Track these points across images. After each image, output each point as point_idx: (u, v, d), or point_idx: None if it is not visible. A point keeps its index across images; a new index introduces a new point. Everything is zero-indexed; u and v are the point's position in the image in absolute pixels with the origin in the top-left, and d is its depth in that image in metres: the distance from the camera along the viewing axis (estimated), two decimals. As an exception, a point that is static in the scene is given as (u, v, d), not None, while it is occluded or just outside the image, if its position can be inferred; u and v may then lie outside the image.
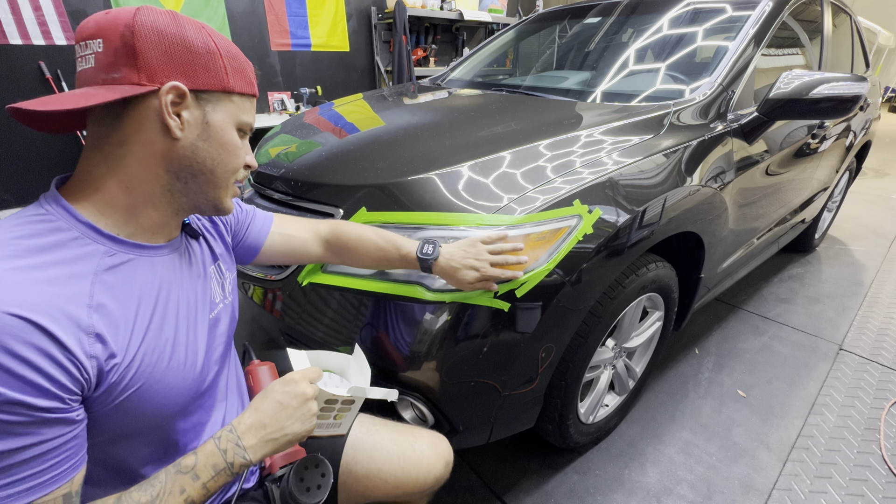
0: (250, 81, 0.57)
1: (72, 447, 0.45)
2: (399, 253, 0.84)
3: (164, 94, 0.48)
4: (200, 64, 0.50)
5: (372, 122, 1.45)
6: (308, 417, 0.58)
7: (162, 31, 0.48)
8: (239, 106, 0.55)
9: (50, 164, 3.03)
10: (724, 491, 1.26)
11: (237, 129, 0.56)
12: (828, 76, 1.30)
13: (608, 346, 1.24)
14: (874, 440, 1.43)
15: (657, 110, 1.27)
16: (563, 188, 0.97)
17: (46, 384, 0.41)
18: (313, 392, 0.59)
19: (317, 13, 3.93)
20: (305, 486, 0.64)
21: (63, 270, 0.45)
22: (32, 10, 2.73)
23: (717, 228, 1.36)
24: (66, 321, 0.43)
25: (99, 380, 0.46)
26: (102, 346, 0.46)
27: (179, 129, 0.50)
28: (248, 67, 0.57)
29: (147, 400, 0.51)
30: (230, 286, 0.72)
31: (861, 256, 2.78)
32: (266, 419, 0.56)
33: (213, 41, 0.52)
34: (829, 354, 1.84)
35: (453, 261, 0.82)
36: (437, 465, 0.81)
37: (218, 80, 0.52)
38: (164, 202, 0.54)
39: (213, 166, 0.55)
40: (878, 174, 4.83)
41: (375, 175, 1.05)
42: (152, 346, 0.52)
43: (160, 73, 0.48)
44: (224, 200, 0.59)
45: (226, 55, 0.53)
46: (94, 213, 0.50)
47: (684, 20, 1.64)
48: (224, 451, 0.53)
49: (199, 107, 0.52)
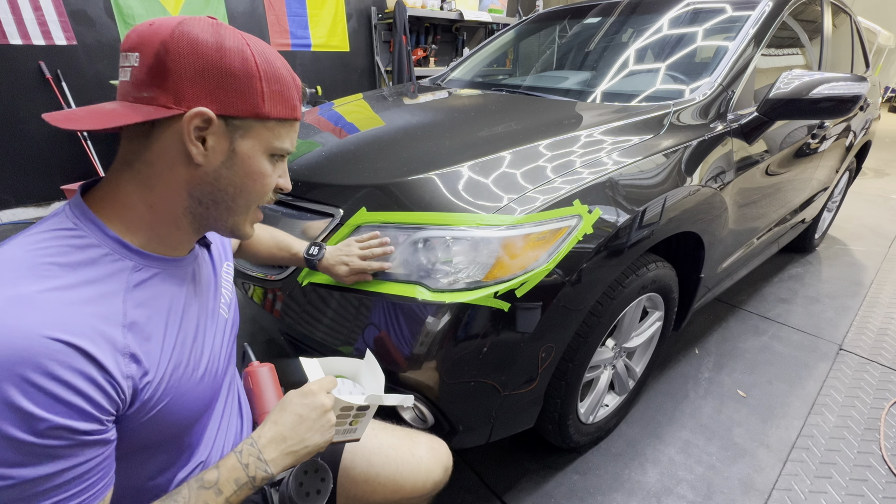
0: (292, 105, 0.53)
1: (105, 465, 0.45)
2: (290, 252, 0.96)
3: (188, 120, 0.46)
4: (234, 88, 0.47)
5: (372, 122, 1.45)
6: (327, 428, 0.59)
7: (199, 51, 0.46)
8: (274, 132, 0.52)
9: (50, 164, 3.03)
10: (724, 491, 1.26)
11: (269, 155, 0.53)
12: (828, 76, 1.30)
13: (608, 346, 1.24)
14: (874, 440, 1.43)
15: (657, 110, 1.27)
16: (563, 188, 0.97)
17: (89, 408, 0.41)
18: (331, 403, 0.60)
19: (317, 13, 3.93)
20: (305, 491, 0.64)
21: (96, 290, 0.45)
22: (32, 10, 2.73)
23: (717, 228, 1.36)
24: (103, 343, 0.43)
25: (133, 398, 0.46)
26: (137, 366, 0.46)
27: (203, 156, 0.48)
28: (291, 89, 0.52)
29: (173, 412, 0.52)
30: (233, 287, 0.73)
31: (861, 256, 2.78)
32: (286, 432, 0.56)
33: (253, 61, 0.48)
34: (829, 354, 1.84)
35: (331, 258, 0.93)
36: (436, 471, 0.81)
37: (251, 106, 0.49)
38: (185, 223, 0.53)
39: (235, 194, 0.53)
40: (878, 174, 4.83)
41: (375, 175, 1.05)
42: (179, 359, 0.52)
43: (189, 96, 0.46)
44: (242, 227, 0.57)
45: (266, 77, 0.49)
46: (122, 229, 0.49)
47: (684, 20, 1.64)
48: (246, 466, 0.53)
49: (227, 133, 0.49)
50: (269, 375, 0.81)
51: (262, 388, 0.79)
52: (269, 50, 0.51)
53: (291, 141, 0.55)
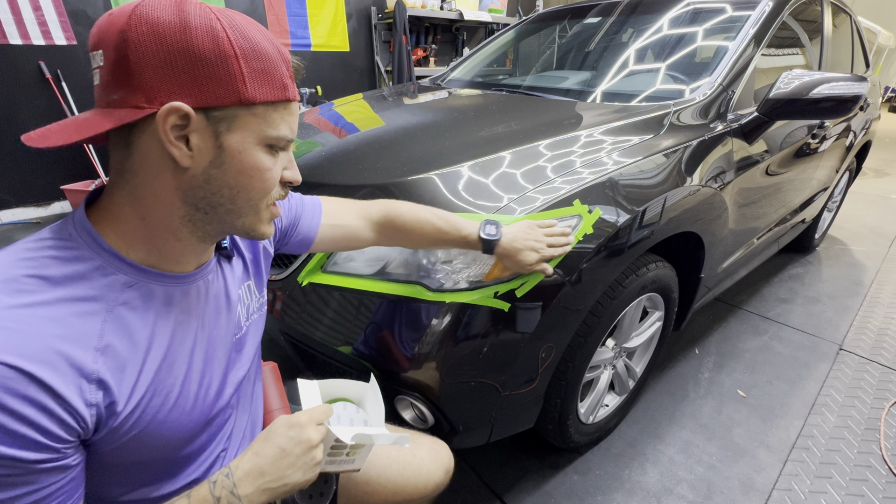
0: (281, 84, 0.45)
1: (68, 489, 0.42)
2: (460, 234, 0.81)
3: (161, 119, 0.40)
4: (207, 74, 0.41)
5: (372, 122, 1.44)
6: (310, 467, 0.53)
7: (161, 36, 0.39)
8: (265, 119, 0.45)
9: (50, 165, 3.03)
10: (724, 491, 1.26)
11: (266, 146, 0.47)
12: (828, 76, 1.30)
13: (608, 346, 1.24)
14: (874, 440, 1.43)
15: (657, 110, 1.27)
16: (563, 188, 0.97)
17: (40, 437, 0.38)
18: (319, 437, 0.54)
19: (317, 13, 3.93)
20: (308, 494, 0.64)
21: (75, 308, 0.41)
22: (32, 10, 2.73)
23: (718, 228, 1.36)
24: (66, 368, 0.39)
25: (98, 426, 0.43)
26: (104, 393, 0.42)
27: (188, 158, 0.43)
28: (278, 65, 0.45)
29: (151, 439, 0.48)
30: (258, 303, 0.67)
31: (861, 256, 2.78)
32: (266, 465, 0.51)
33: (226, 37, 0.41)
34: (830, 354, 1.84)
35: (516, 241, 0.82)
36: (437, 472, 0.80)
37: (231, 92, 0.42)
38: (185, 232, 0.48)
39: (233, 196, 0.47)
40: (878, 174, 4.83)
41: (375, 175, 1.05)
42: (160, 385, 0.48)
43: (160, 91, 0.40)
44: (256, 227, 0.51)
45: (244, 55, 0.42)
46: (119, 242, 0.46)
47: (684, 20, 1.64)
48: (217, 499, 0.48)
49: (210, 127, 0.43)
50: (271, 374, 0.81)
51: (266, 386, 0.79)
52: (245, 22, 0.44)
53: (290, 126, 0.48)
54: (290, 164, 0.52)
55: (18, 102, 2.84)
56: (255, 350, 0.67)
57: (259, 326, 0.67)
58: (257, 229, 0.51)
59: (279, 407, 0.77)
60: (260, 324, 0.68)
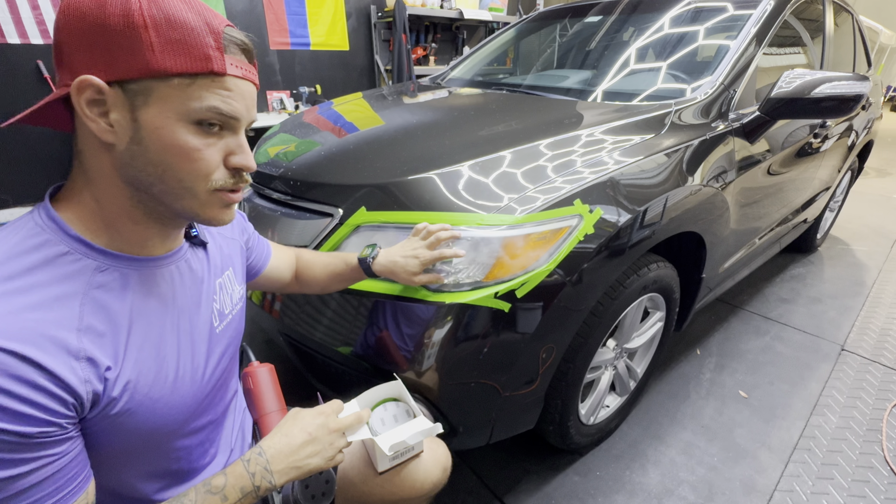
0: (202, 55, 0.43)
1: (80, 461, 0.45)
2: (345, 263, 0.86)
3: (75, 92, 0.40)
4: (117, 45, 0.40)
5: (371, 121, 1.44)
6: (332, 455, 0.59)
7: (82, 13, 0.40)
8: (184, 91, 0.43)
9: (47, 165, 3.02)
10: (726, 492, 1.25)
11: (193, 123, 0.44)
12: (830, 75, 1.29)
13: (609, 346, 1.24)
14: (876, 441, 1.42)
15: (658, 109, 1.26)
16: (563, 188, 0.97)
17: (36, 412, 0.39)
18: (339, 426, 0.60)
19: (316, 12, 3.92)
20: (311, 494, 0.64)
21: (50, 292, 0.42)
22: (31, 9, 2.72)
23: (719, 228, 1.35)
24: (53, 348, 0.40)
25: (94, 402, 0.44)
26: (95, 369, 0.43)
27: (110, 134, 0.43)
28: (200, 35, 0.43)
29: (145, 419, 0.49)
30: (239, 296, 0.70)
31: (863, 256, 2.77)
32: (295, 446, 0.56)
33: (138, 8, 0.40)
34: (831, 355, 1.83)
35: (393, 255, 0.85)
36: (435, 471, 0.80)
37: (140, 62, 0.40)
38: (139, 214, 0.48)
39: (161, 174, 0.45)
40: (880, 174, 4.81)
41: (375, 174, 1.04)
42: (147, 365, 0.49)
43: (79, 66, 0.41)
44: (202, 212, 0.49)
45: (155, 24, 0.40)
46: (82, 228, 0.46)
47: (685, 19, 1.63)
48: (252, 475, 0.53)
49: (126, 101, 0.42)
50: (268, 376, 0.80)
51: (262, 388, 0.78)
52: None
53: (224, 101, 0.45)
54: (239, 149, 0.48)
55: (16, 102, 2.83)
56: (235, 350, 0.68)
57: (235, 326, 0.68)
58: (203, 214, 0.49)
59: (276, 409, 0.76)
60: (238, 323, 0.69)
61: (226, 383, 0.67)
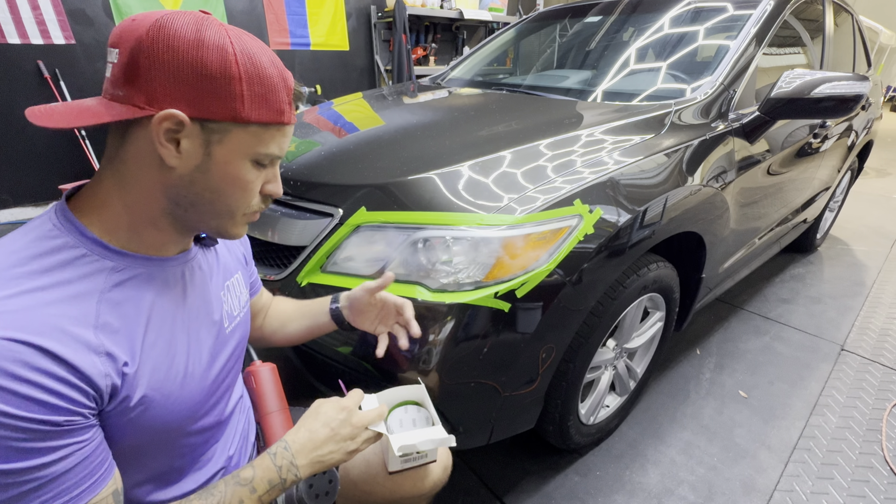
0: (278, 109, 0.49)
1: (104, 448, 0.47)
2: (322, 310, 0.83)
3: (157, 122, 0.43)
4: (209, 90, 0.44)
5: (371, 121, 1.44)
6: (351, 451, 0.61)
7: (175, 49, 0.43)
8: (257, 137, 0.48)
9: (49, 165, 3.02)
10: (726, 492, 1.25)
11: (254, 161, 0.50)
12: (829, 75, 1.29)
13: (609, 346, 1.24)
14: (876, 441, 1.42)
15: (658, 109, 1.26)
16: (563, 188, 0.97)
17: (59, 402, 0.41)
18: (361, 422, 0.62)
19: (316, 12, 3.92)
20: (315, 493, 0.64)
21: (67, 291, 0.44)
22: (31, 10, 2.72)
23: (719, 228, 1.35)
24: (74, 343, 0.42)
25: (112, 395, 0.46)
26: (113, 364, 0.45)
27: (176, 159, 0.46)
28: (279, 91, 0.48)
29: (156, 415, 0.51)
30: (246, 299, 0.71)
31: (863, 256, 2.77)
32: (319, 441, 0.59)
33: (234, 61, 0.44)
34: (831, 355, 1.83)
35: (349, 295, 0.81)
36: (435, 470, 0.80)
37: (229, 110, 0.45)
38: (165, 223, 0.51)
39: (213, 199, 0.50)
40: (880, 174, 4.82)
41: (375, 174, 1.04)
42: (161, 361, 0.51)
43: (162, 97, 0.44)
44: (228, 229, 0.54)
45: (248, 79, 0.45)
46: (101, 229, 0.48)
47: (685, 19, 1.63)
48: (279, 468, 0.55)
49: (202, 136, 0.46)
50: (270, 375, 0.80)
51: (264, 387, 0.78)
52: (257, 48, 0.47)
53: (280, 146, 0.51)
54: (274, 178, 0.55)
55: (17, 102, 2.83)
56: (241, 351, 0.69)
57: (243, 328, 0.69)
58: (228, 230, 0.55)
59: (278, 409, 0.77)
60: (247, 321, 0.70)
61: (233, 384, 0.68)
